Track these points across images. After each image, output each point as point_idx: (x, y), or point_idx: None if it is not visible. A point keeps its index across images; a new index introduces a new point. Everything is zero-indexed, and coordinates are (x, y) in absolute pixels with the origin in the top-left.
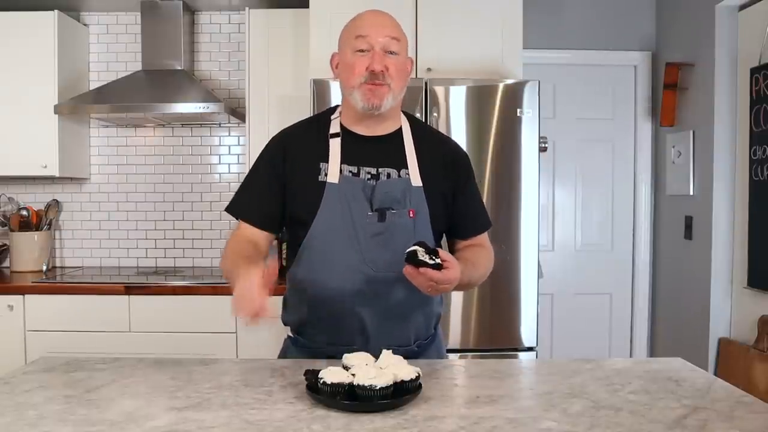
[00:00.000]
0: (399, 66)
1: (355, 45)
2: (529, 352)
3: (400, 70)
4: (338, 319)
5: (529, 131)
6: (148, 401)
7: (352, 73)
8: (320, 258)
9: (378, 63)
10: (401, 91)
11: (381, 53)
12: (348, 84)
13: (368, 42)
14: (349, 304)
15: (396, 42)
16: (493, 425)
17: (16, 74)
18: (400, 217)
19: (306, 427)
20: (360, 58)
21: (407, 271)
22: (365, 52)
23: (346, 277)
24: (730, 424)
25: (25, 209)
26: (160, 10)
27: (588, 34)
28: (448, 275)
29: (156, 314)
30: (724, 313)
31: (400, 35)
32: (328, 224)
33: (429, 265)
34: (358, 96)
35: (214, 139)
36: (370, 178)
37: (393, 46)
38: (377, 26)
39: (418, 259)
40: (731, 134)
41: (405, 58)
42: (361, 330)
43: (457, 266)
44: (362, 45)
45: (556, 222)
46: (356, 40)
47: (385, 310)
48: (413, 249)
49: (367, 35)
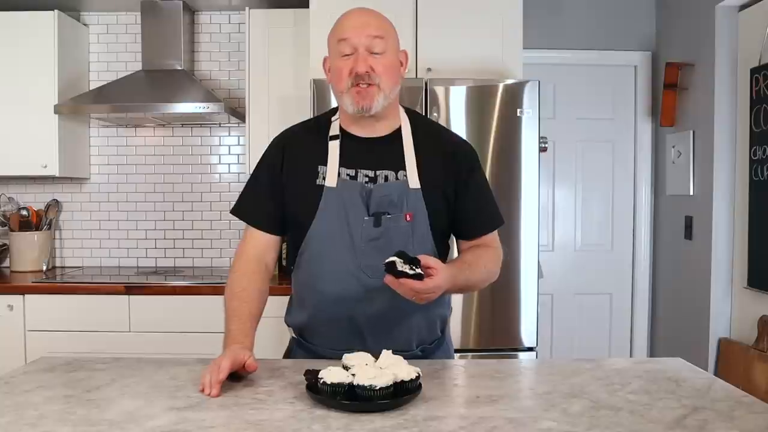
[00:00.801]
0: (386, 63)
1: (339, 49)
2: (529, 352)
3: (388, 68)
4: (337, 324)
5: (529, 131)
6: (148, 401)
7: (340, 78)
8: (317, 263)
9: (361, 65)
10: (394, 88)
11: (365, 54)
12: (337, 89)
13: (350, 44)
14: (347, 310)
15: (380, 40)
16: (493, 425)
17: (16, 74)
18: (396, 222)
19: (306, 427)
20: (345, 61)
21: (388, 281)
22: (349, 55)
23: (342, 283)
24: (730, 424)
25: (25, 209)
26: (160, 10)
27: (588, 34)
28: (428, 284)
29: (156, 314)
30: (724, 313)
31: (384, 32)
32: (325, 229)
33: (409, 275)
34: (347, 100)
35: (214, 139)
36: (368, 181)
37: (377, 46)
38: (358, 27)
39: (398, 270)
40: (731, 134)
41: (393, 53)
42: (360, 334)
43: (441, 273)
44: (345, 48)
45: (556, 222)
46: (339, 44)
47: (382, 316)
48: (392, 260)
49: (349, 37)
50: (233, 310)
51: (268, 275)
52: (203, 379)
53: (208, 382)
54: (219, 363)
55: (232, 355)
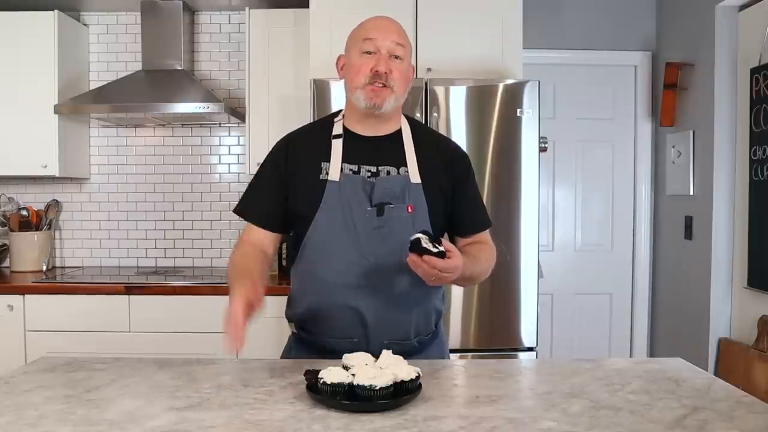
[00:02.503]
0: (402, 71)
1: (362, 47)
2: (529, 352)
3: (403, 75)
4: (338, 312)
5: (529, 131)
6: (148, 401)
7: (358, 73)
8: (321, 252)
9: (383, 65)
10: (403, 96)
11: (386, 56)
12: (352, 84)
13: (375, 45)
14: (349, 297)
15: (401, 48)
16: (493, 425)
17: (16, 74)
18: (398, 212)
19: (306, 427)
20: (366, 59)
21: (411, 260)
22: (371, 54)
23: (345, 270)
24: (730, 424)
25: (25, 209)
26: (160, 10)
27: (588, 34)
28: (451, 263)
29: (156, 314)
30: (724, 313)
31: (405, 42)
32: (329, 220)
33: (433, 253)
34: (361, 95)
35: (214, 139)
36: (370, 175)
37: (398, 51)
38: (385, 31)
39: (422, 247)
40: (731, 134)
41: (408, 64)
42: (361, 323)
43: (459, 255)
44: (369, 47)
45: (556, 222)
46: (364, 43)
47: (384, 304)
48: (417, 237)
49: (375, 38)
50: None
51: (267, 259)
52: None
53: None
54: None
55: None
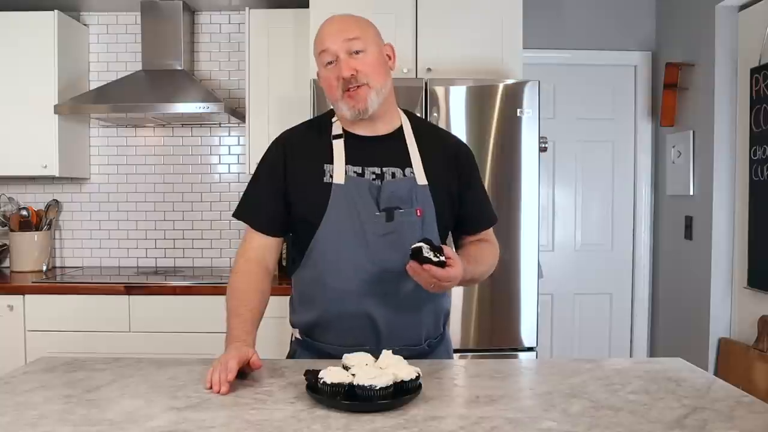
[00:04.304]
0: (369, 61)
1: (322, 59)
2: (529, 352)
3: (372, 65)
4: (349, 320)
5: (529, 131)
6: (148, 401)
7: (330, 87)
8: (329, 259)
9: (345, 69)
10: (385, 83)
11: (346, 58)
12: (332, 98)
13: (331, 52)
14: (360, 305)
15: (358, 41)
16: (493, 425)
17: (16, 74)
18: (408, 217)
19: (306, 427)
20: (331, 70)
21: (411, 267)
22: (333, 63)
23: (355, 277)
24: (730, 424)
25: (25, 209)
26: (160, 10)
27: (588, 34)
28: (451, 273)
29: (156, 314)
30: (724, 313)
31: (359, 32)
32: (336, 225)
33: (433, 262)
34: (343, 106)
35: (214, 139)
36: (375, 178)
37: (356, 46)
38: (334, 34)
39: (423, 256)
40: (731, 134)
41: (375, 49)
42: (374, 330)
43: (459, 264)
44: (327, 57)
45: (556, 222)
46: (321, 56)
47: (395, 310)
48: (418, 245)
49: (328, 47)
50: (234, 309)
51: (269, 276)
52: (210, 377)
53: (218, 380)
54: (226, 362)
55: (238, 354)
